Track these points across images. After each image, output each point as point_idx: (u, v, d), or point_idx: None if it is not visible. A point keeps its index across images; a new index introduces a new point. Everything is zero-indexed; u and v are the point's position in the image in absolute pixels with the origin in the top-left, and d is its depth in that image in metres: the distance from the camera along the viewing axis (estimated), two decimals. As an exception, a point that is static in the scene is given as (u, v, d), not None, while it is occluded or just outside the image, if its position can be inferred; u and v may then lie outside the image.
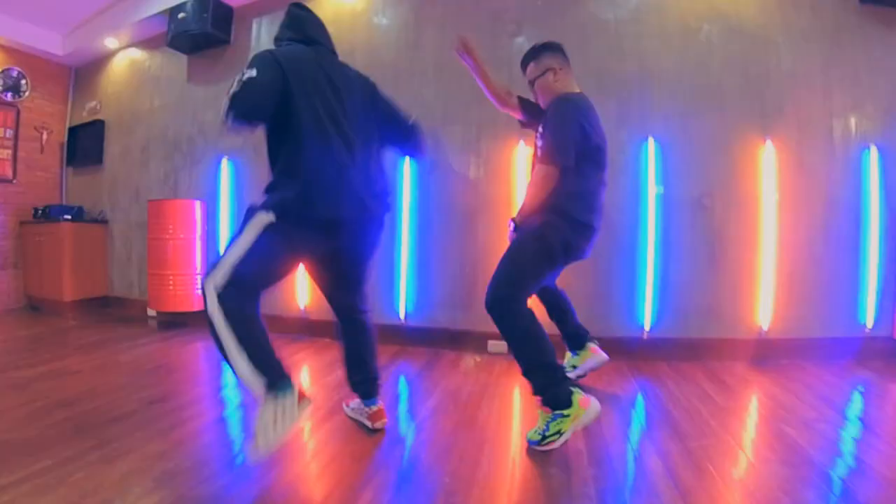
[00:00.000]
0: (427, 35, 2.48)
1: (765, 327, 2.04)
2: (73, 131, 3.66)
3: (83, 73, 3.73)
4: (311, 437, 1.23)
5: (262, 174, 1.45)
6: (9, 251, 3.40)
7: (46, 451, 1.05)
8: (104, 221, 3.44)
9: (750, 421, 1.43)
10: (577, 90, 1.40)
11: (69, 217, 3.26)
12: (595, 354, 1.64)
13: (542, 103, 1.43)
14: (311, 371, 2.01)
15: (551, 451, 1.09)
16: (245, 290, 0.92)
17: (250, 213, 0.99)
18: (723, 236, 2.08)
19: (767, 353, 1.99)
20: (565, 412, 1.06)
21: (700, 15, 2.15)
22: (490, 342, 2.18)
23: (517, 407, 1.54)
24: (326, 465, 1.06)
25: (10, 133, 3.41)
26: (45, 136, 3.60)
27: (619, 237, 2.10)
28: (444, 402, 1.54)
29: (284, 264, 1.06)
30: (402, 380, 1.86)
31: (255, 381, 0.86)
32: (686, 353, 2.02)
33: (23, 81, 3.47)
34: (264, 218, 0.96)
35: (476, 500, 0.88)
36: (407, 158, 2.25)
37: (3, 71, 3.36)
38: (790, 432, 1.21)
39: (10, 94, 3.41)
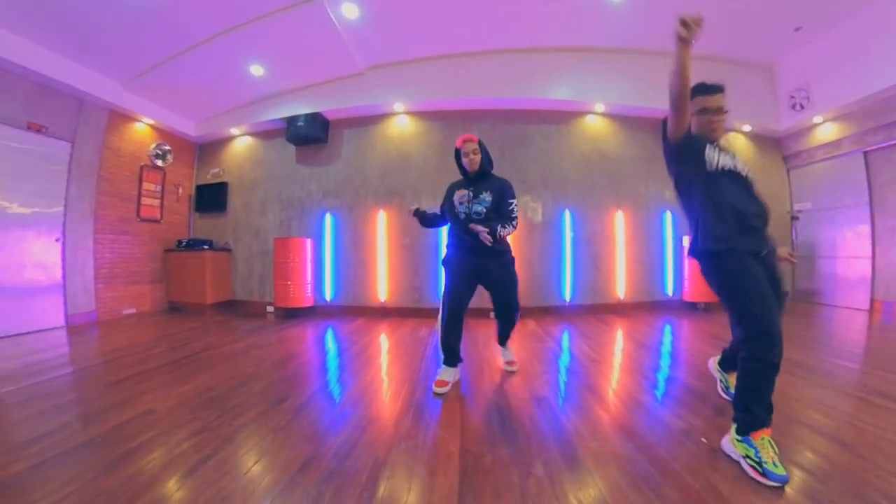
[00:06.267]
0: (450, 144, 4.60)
1: (622, 296, 4.37)
2: (200, 188, 5.27)
3: (206, 148, 5.39)
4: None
5: (349, 224, 3.44)
6: (157, 270, 4.89)
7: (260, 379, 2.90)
8: (228, 250, 5.07)
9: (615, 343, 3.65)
10: None
11: (207, 247, 4.86)
12: None
13: (720, 134, 1.49)
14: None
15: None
16: None
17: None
18: (599, 253, 4.40)
19: (622, 309, 4.30)
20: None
21: (587, 149, 4.54)
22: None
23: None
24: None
25: (158, 188, 4.97)
26: (179, 191, 5.17)
27: (552, 254, 4.33)
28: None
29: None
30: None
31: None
32: (586, 311, 4.26)
33: (168, 153, 5.05)
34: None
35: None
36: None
37: (157, 145, 4.94)
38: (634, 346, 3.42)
39: (160, 161, 4.98)
